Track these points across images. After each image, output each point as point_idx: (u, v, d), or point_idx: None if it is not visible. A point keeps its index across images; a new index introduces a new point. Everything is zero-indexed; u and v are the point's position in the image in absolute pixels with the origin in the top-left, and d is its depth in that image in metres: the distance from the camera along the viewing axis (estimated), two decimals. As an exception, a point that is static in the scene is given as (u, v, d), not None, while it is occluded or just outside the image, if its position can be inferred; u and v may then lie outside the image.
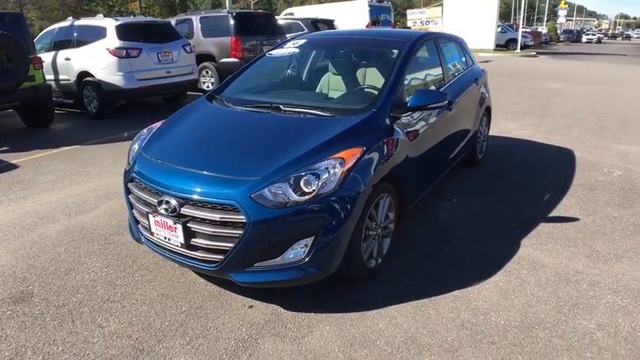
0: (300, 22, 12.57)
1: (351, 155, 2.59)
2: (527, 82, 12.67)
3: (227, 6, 16.10)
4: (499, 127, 6.97)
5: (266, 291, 2.76)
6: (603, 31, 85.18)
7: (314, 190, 2.42)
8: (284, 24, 12.63)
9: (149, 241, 2.78)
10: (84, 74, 7.74)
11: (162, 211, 2.54)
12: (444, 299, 2.77)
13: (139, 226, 2.86)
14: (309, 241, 2.45)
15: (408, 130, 3.18)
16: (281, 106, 3.20)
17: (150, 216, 2.64)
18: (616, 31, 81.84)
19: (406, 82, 3.37)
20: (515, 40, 29.32)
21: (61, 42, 8.20)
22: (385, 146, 2.86)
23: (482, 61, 19.71)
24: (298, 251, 2.46)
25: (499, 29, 29.05)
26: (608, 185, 4.66)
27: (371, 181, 2.65)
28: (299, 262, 2.47)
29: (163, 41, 7.96)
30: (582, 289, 2.88)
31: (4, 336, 2.47)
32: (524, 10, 32.61)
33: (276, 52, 4.04)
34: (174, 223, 2.51)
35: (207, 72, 10.18)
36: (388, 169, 2.84)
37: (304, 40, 4.02)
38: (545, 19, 66.52)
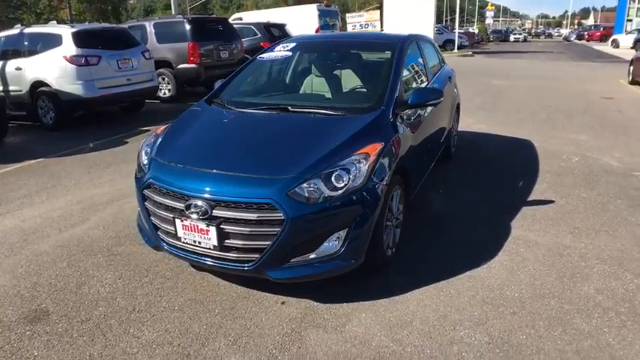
0: (252, 27, 12.56)
1: (373, 150, 2.73)
2: (471, 80, 13.45)
3: (164, 13, 15.66)
4: (459, 123, 7.39)
5: (294, 287, 2.82)
6: (527, 30, 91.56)
7: (345, 184, 2.53)
8: (236, 29, 12.55)
9: (174, 247, 2.76)
10: (38, 84, 7.31)
11: (193, 215, 2.54)
12: (459, 280, 2.97)
13: (159, 232, 2.82)
14: (343, 233, 2.56)
15: (407, 125, 3.37)
16: (289, 107, 3.28)
17: (177, 221, 2.62)
18: (539, 30, 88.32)
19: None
20: (452, 41, 30.85)
21: (10, 51, 7.68)
22: (396, 141, 3.03)
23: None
24: (332, 244, 2.56)
25: (436, 31, 30.41)
26: (571, 170, 5.14)
27: (390, 173, 2.80)
28: (333, 254, 2.57)
29: (122, 48, 7.69)
30: (574, 261, 3.20)
31: (32, 357, 2.36)
32: (458, 12, 34.40)
33: (268, 55, 4.11)
34: (207, 226, 2.52)
35: (163, 79, 9.92)
36: (398, 162, 3.01)
37: (294, 44, 4.11)
38: (475, 20, 70.39)
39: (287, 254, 2.51)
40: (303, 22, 14.66)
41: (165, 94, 9.90)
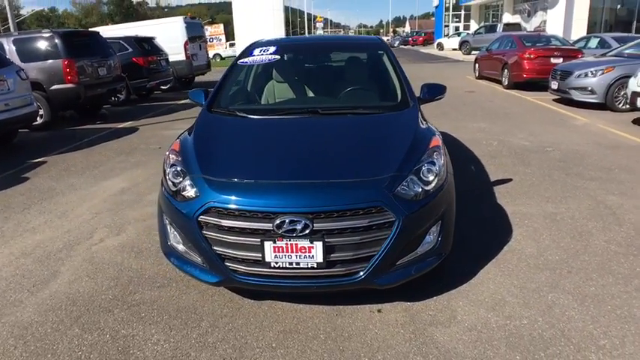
0: (121, 41, 11.32)
1: (439, 143, 2.78)
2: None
3: (11, 27, 13.22)
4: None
5: (372, 293, 2.66)
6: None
7: (434, 177, 2.53)
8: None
9: (257, 276, 2.39)
10: None
11: (290, 233, 2.24)
12: (505, 255, 3.21)
13: (228, 263, 2.42)
14: (437, 227, 2.55)
15: None
16: (319, 110, 3.12)
17: (266, 244, 2.29)
18: None
19: None
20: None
21: None
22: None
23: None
24: (430, 239, 2.53)
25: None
26: (499, 152, 5.89)
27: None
28: (432, 249, 2.54)
29: (-8, 67, 6.25)
30: (569, 222, 3.71)
31: None
32: (291, 24, 36.12)
33: (251, 60, 3.81)
34: (311, 242, 2.26)
35: (29, 103, 8.31)
36: None
37: (275, 47, 3.89)
38: (307, 31, 74.78)
39: (396, 257, 2.40)
40: (168, 35, 13.74)
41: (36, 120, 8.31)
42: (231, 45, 40.60)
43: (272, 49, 3.86)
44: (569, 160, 5.47)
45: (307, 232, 2.25)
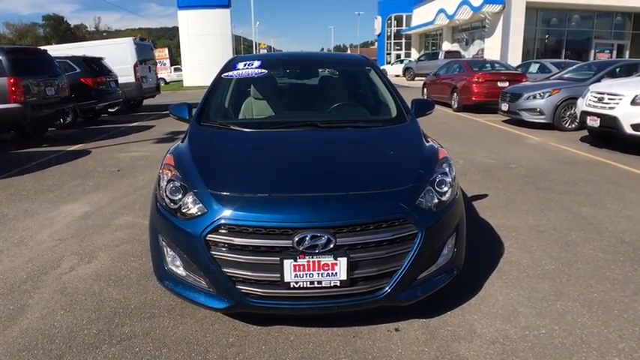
0: (68, 61, 10.67)
1: (447, 154, 2.77)
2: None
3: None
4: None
5: (386, 312, 2.55)
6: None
7: (448, 189, 2.50)
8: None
9: (273, 299, 2.20)
10: None
11: (312, 250, 2.10)
12: (504, 266, 3.22)
13: (239, 286, 2.22)
14: (452, 239, 2.51)
15: None
16: (318, 123, 3.03)
17: (285, 262, 2.12)
18: None
19: None
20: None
21: None
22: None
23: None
24: (446, 252, 2.48)
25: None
26: (467, 170, 6.06)
27: (453, 175, 2.88)
28: (448, 263, 2.49)
29: None
30: (553, 233, 3.82)
31: None
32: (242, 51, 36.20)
33: (236, 73, 3.66)
34: (335, 258, 2.12)
35: (-36, 124, 7.58)
36: None
37: (260, 61, 3.77)
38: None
39: (417, 272, 2.31)
40: (117, 57, 13.19)
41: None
42: (176, 70, 39.91)
43: (256, 63, 3.74)
44: (535, 175, 5.71)
45: (331, 247, 2.11)
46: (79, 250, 3.66)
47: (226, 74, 3.68)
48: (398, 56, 44.56)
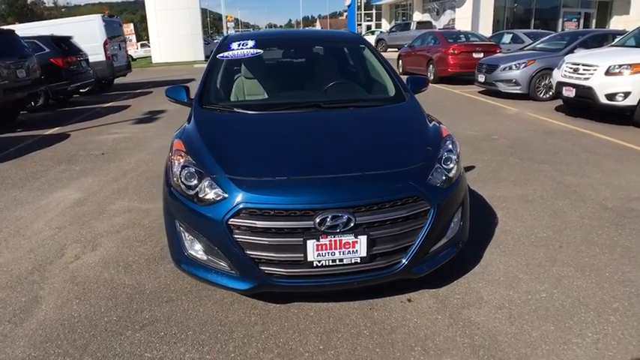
0: (36, 41, 10.13)
1: (449, 132, 2.87)
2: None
3: None
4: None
5: (397, 284, 2.68)
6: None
7: (454, 165, 2.61)
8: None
9: (296, 278, 2.29)
10: None
11: (333, 229, 2.19)
12: (499, 235, 3.40)
13: (263, 267, 2.29)
14: (459, 213, 2.63)
15: None
16: (321, 103, 3.07)
17: (308, 242, 2.20)
18: None
19: None
20: (220, 51, 31.56)
21: None
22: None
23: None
24: (454, 226, 2.60)
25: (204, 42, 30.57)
26: (453, 141, 6.20)
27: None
28: (455, 236, 2.62)
29: None
30: (541, 202, 4.03)
31: None
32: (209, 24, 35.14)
33: (231, 54, 3.61)
34: (356, 237, 2.22)
35: None
36: None
37: (253, 41, 3.72)
38: (224, 30, 73.08)
39: (429, 246, 2.43)
40: (85, 35, 12.59)
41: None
42: (143, 46, 38.45)
43: (250, 42, 3.70)
44: (517, 146, 5.93)
45: (351, 226, 2.20)
46: (80, 237, 3.63)
47: (221, 55, 3.63)
48: (369, 27, 44.17)
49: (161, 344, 2.34)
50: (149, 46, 32.64)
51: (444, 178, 2.50)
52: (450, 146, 2.70)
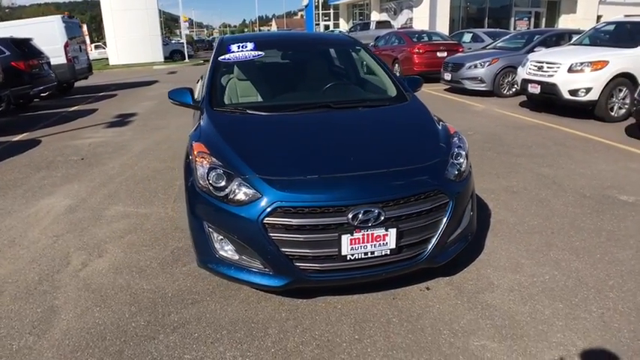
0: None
1: (455, 129, 3.05)
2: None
3: None
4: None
5: (412, 274, 2.83)
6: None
7: (464, 160, 2.79)
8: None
9: (330, 272, 2.40)
10: None
11: (365, 224, 2.31)
12: (496, 226, 3.63)
13: (298, 263, 2.38)
14: (469, 205, 2.82)
15: None
16: (331, 104, 3.18)
17: (343, 237, 2.31)
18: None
19: None
20: (179, 52, 30.89)
21: None
22: None
23: (168, 72, 20.02)
24: (466, 217, 2.79)
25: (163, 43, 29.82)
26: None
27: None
28: (468, 226, 2.80)
29: None
30: (526, 192, 4.32)
31: None
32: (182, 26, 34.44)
33: (233, 57, 3.65)
34: (386, 230, 2.35)
35: None
36: None
37: (253, 43, 3.77)
38: (180, 31, 71.31)
39: (448, 236, 2.60)
40: (45, 36, 12.02)
41: None
42: (97, 47, 36.96)
43: (250, 44, 3.75)
44: (492, 141, 6.26)
45: (381, 220, 2.33)
46: (82, 245, 3.56)
47: (223, 57, 3.66)
48: (327, 27, 44.48)
49: (198, 345, 2.38)
50: (103, 48, 31.44)
51: (456, 172, 2.68)
52: (459, 142, 2.89)
